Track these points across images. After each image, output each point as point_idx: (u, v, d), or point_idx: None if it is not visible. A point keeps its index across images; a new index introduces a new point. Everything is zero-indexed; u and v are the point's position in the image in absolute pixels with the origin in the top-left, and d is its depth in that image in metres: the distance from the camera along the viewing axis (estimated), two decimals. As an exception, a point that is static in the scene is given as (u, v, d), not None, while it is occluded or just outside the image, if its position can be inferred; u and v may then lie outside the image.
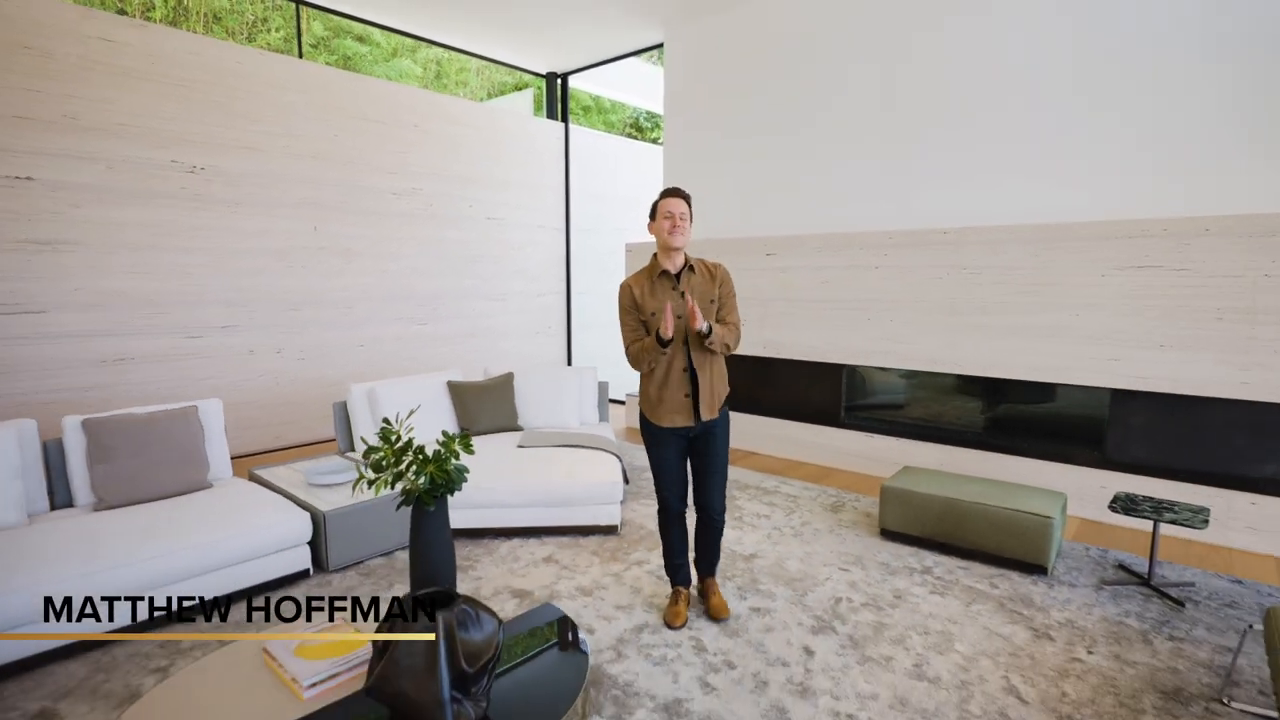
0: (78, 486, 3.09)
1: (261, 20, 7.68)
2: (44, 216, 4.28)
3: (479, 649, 1.73)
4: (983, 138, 4.44)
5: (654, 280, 2.57)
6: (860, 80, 5.01)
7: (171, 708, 1.82)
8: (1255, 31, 3.51)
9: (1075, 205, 4.06)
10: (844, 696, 2.23)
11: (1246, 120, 3.56)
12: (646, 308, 2.55)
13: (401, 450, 1.90)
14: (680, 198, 2.55)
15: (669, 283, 2.55)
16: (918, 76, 4.71)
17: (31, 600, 2.33)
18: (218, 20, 7.41)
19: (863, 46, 4.98)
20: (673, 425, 2.56)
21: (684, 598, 2.74)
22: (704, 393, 2.54)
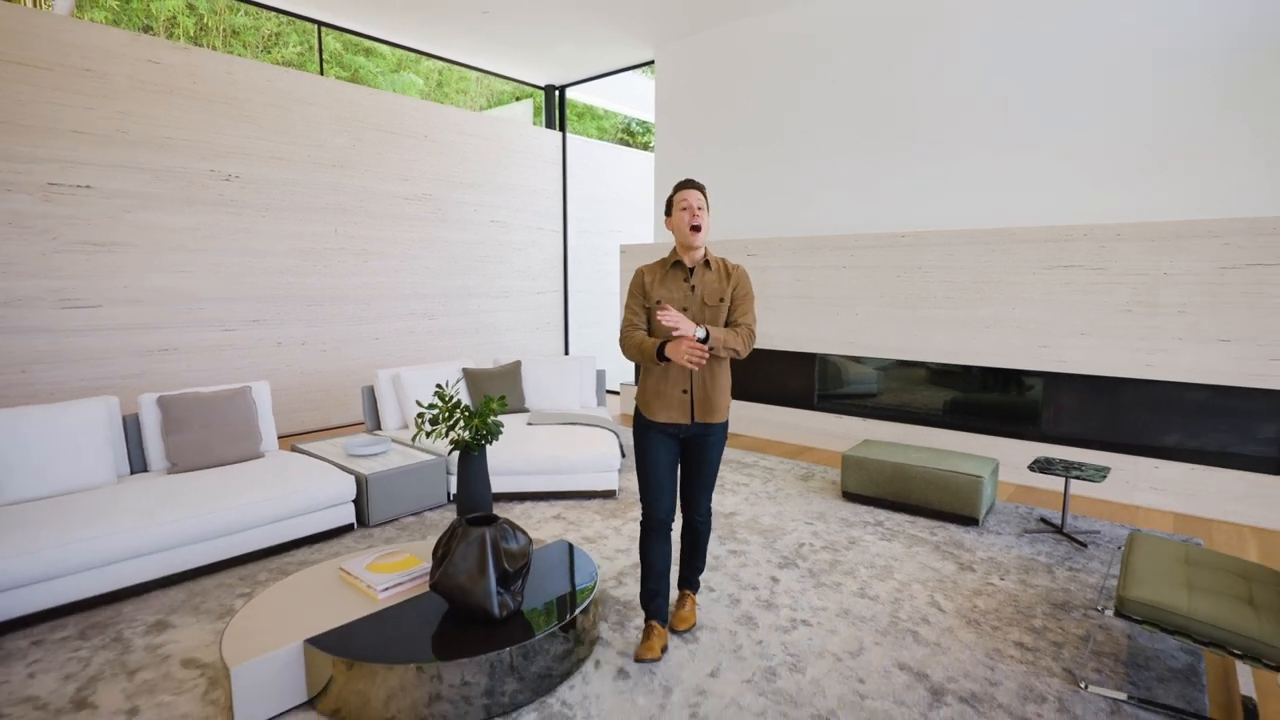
0: (152, 454, 3.61)
1: (276, 35, 8.16)
2: (100, 221, 4.78)
3: (516, 556, 2.28)
4: (938, 153, 5.02)
5: (667, 270, 2.48)
6: (831, 98, 5.58)
7: (275, 607, 2.36)
8: (1166, 63, 4.11)
9: (1014, 213, 4.66)
10: (800, 609, 2.79)
11: (1152, 141, 4.16)
12: (653, 295, 2.45)
13: (453, 408, 2.45)
14: (696, 189, 2.44)
15: (681, 274, 2.45)
16: (883, 97, 5.29)
17: (136, 538, 2.85)
18: (236, 35, 7.90)
19: (835, 68, 5.56)
20: (668, 420, 2.42)
21: (656, 635, 2.45)
22: (699, 392, 2.40)
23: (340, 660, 2.06)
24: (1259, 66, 3.84)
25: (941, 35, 4.95)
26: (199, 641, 2.52)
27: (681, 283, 2.44)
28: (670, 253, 2.51)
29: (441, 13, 6.04)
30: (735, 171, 6.29)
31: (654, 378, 2.44)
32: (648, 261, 5.11)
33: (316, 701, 2.14)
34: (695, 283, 2.43)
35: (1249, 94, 3.88)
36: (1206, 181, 4.01)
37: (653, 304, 2.44)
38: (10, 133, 4.37)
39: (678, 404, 2.41)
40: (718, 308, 2.43)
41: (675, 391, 2.41)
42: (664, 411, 2.42)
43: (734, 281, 2.46)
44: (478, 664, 2.08)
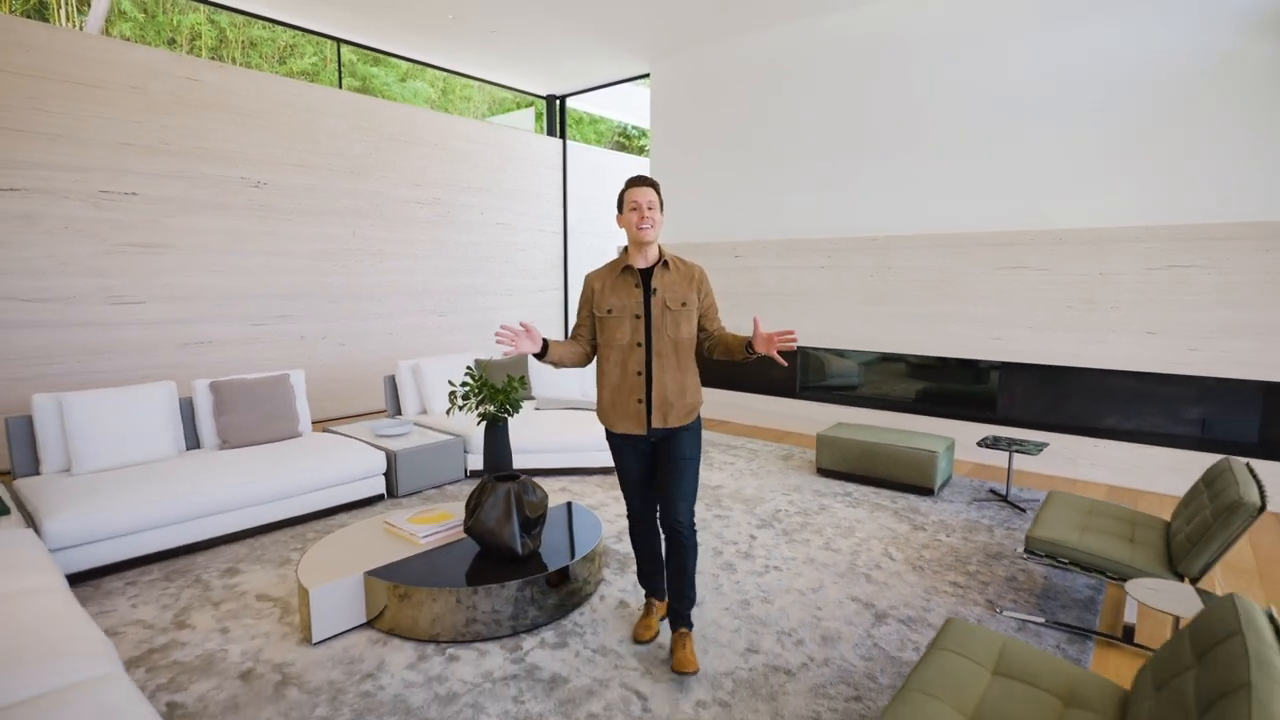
0: (205, 432, 4.08)
1: (291, 46, 8.62)
2: (143, 224, 5.24)
3: (534, 506, 2.78)
4: (905, 164, 5.53)
5: (617, 276, 2.35)
6: (808, 112, 6.08)
7: (335, 550, 2.84)
8: (1103, 88, 4.62)
9: (971, 219, 5.17)
10: (773, 559, 3.29)
11: (1090, 156, 4.67)
12: (603, 304, 2.34)
13: (482, 385, 2.93)
14: (648, 186, 2.29)
15: (633, 279, 2.32)
16: (854, 112, 5.79)
17: (205, 500, 3.33)
18: (254, 46, 8.35)
19: (811, 85, 6.05)
20: (625, 431, 2.35)
21: (657, 610, 2.59)
22: (658, 399, 2.29)
23: (394, 587, 2.55)
24: (1183, 92, 4.35)
25: (906, 58, 5.45)
26: (266, 583, 3.01)
27: (634, 288, 2.30)
28: (620, 255, 2.37)
29: (452, 30, 6.51)
30: (724, 177, 6.79)
31: (608, 388, 2.35)
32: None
33: (374, 622, 2.62)
34: (655, 285, 2.29)
35: (1174, 116, 4.39)
36: (1135, 193, 4.53)
37: (602, 313, 2.33)
38: (67, 145, 4.83)
39: (633, 413, 2.31)
40: (680, 312, 2.30)
41: (631, 401, 2.31)
42: (621, 422, 2.34)
43: (698, 283, 2.37)
44: (505, 591, 2.57)
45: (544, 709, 2.13)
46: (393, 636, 2.56)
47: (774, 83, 6.33)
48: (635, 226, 2.27)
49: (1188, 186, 4.36)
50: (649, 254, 2.33)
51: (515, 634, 2.59)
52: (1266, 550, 3.50)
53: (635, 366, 2.31)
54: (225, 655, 2.43)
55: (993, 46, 5.04)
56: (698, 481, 2.40)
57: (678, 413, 2.33)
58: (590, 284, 2.40)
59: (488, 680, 2.29)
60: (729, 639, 2.57)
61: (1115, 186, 4.59)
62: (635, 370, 2.31)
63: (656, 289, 2.30)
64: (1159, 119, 4.43)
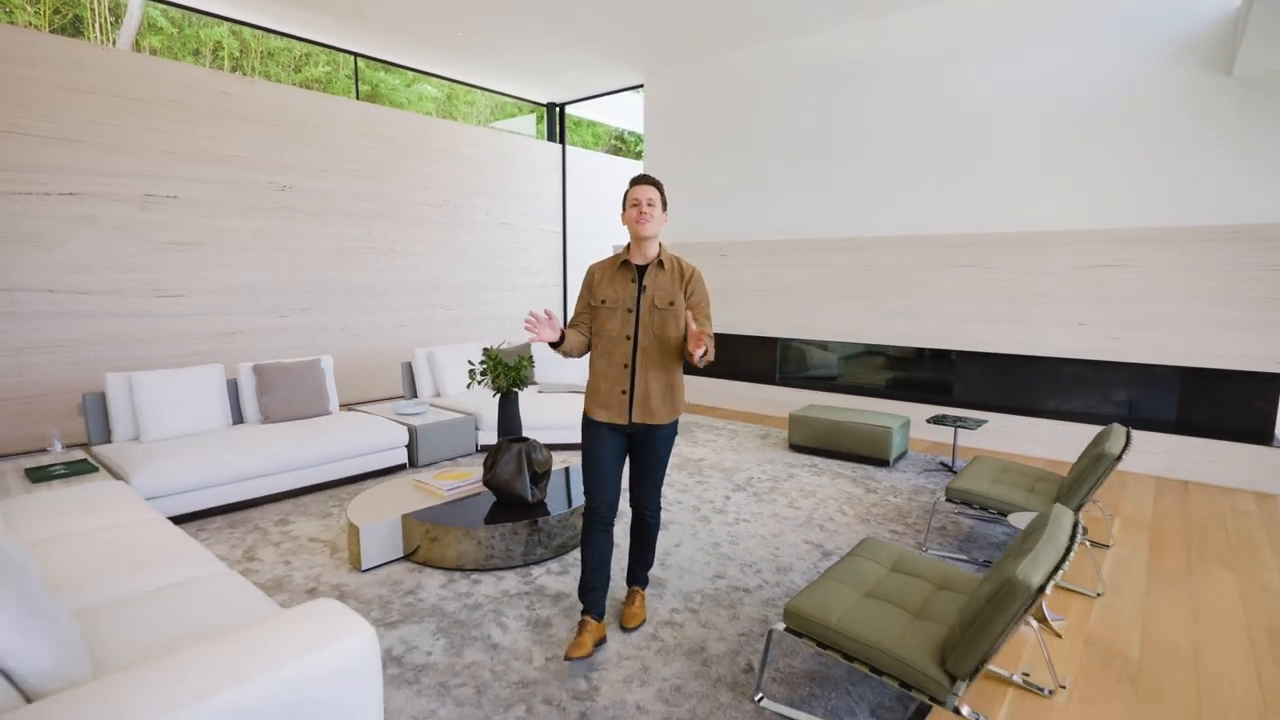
0: (248, 409, 4.62)
1: (306, 55, 9.15)
2: (183, 224, 5.78)
3: (540, 463, 3.34)
4: (874, 172, 6.10)
5: (616, 268, 2.45)
6: (789, 123, 6.65)
7: (374, 501, 3.40)
8: (1041, 108, 5.20)
9: (930, 223, 5.74)
10: (742, 514, 3.86)
11: (1030, 168, 5.25)
12: (598, 293, 2.44)
13: (496, 364, 3.50)
14: (650, 184, 2.39)
15: (630, 274, 2.42)
16: (829, 123, 6.36)
17: (255, 464, 3.89)
18: (271, 56, 8.88)
19: (792, 99, 6.62)
20: (608, 420, 2.42)
21: (591, 630, 2.39)
22: (639, 393, 2.38)
23: (426, 528, 3.11)
24: (1111, 112, 4.93)
25: (871, 78, 6.02)
26: (315, 530, 3.57)
27: (629, 283, 2.41)
28: (623, 249, 2.48)
29: (461, 45, 7.06)
30: (712, 181, 7.36)
31: (597, 375, 2.45)
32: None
33: (410, 556, 3.19)
34: (647, 283, 2.39)
35: (1103, 133, 4.97)
36: (1070, 200, 5.11)
37: (597, 302, 2.44)
38: (117, 154, 5.36)
39: (616, 404, 2.40)
40: (666, 311, 2.38)
41: (615, 392, 2.40)
42: (603, 411, 2.42)
43: (690, 286, 2.44)
44: (517, 531, 3.14)
45: (550, 614, 2.70)
46: (426, 567, 3.12)
47: (756, 96, 6.89)
48: (634, 222, 2.35)
49: (1114, 195, 4.94)
50: (648, 251, 2.41)
51: (526, 565, 3.16)
52: (1163, 509, 4.08)
53: (622, 359, 2.39)
54: (291, 579, 3.00)
55: (947, 70, 5.61)
56: (666, 470, 2.59)
57: (659, 410, 2.41)
58: (592, 272, 2.51)
59: (505, 596, 2.85)
60: (700, 569, 3.14)
61: (1053, 195, 5.17)
62: (621, 362, 2.39)
63: (646, 287, 2.39)
64: (1090, 135, 5.01)
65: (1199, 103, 4.63)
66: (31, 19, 6.72)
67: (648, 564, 2.70)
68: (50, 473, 3.50)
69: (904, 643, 1.86)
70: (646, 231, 2.36)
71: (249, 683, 1.42)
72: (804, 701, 2.16)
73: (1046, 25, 5.14)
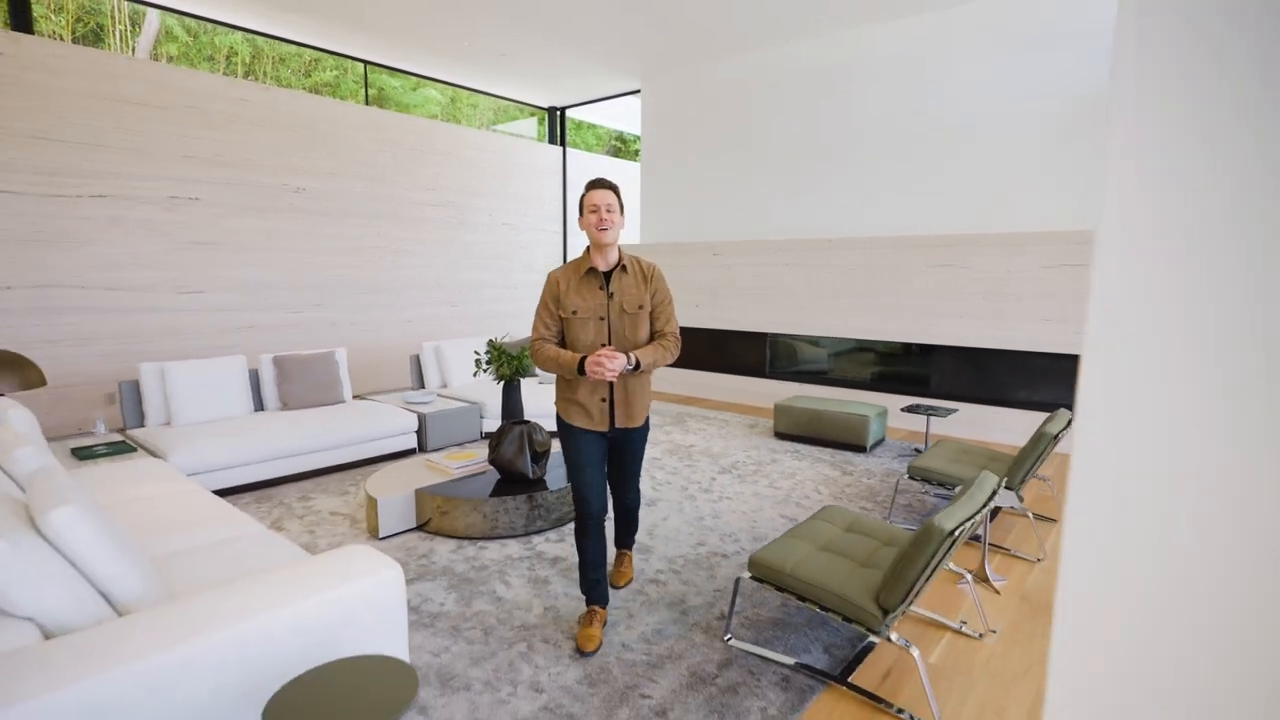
0: (268, 397, 4.96)
1: (315, 60, 9.48)
2: (203, 225, 6.12)
3: (540, 443, 3.68)
4: (855, 175, 6.43)
5: (581, 277, 2.40)
6: (777, 128, 6.98)
7: (390, 478, 3.74)
8: (1011, 116, 5.52)
9: (908, 224, 6.07)
10: (726, 493, 4.20)
11: (1001, 173, 5.58)
12: (567, 304, 2.39)
13: (501, 354, 3.83)
14: (607, 189, 2.35)
15: (596, 281, 2.40)
16: (816, 129, 6.69)
17: (277, 446, 4.23)
18: (283, 61, 9.21)
19: (780, 104, 6.95)
20: (588, 428, 2.43)
21: (598, 618, 2.48)
22: (620, 401, 2.42)
23: (437, 499, 3.45)
24: (1081, 117, 5.25)
25: (854, 84, 6.35)
26: (334, 505, 3.91)
27: (598, 290, 2.38)
28: (583, 254, 2.43)
29: (467, 52, 7.39)
30: (705, 183, 7.68)
31: (572, 388, 2.42)
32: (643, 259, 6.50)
33: (423, 526, 3.53)
34: (614, 289, 2.38)
35: (1065, 141, 5.29)
36: (1039, 202, 5.43)
37: (567, 314, 2.38)
38: (142, 159, 5.70)
39: (597, 413, 2.41)
40: (637, 315, 2.40)
41: (595, 401, 2.40)
42: (584, 419, 2.43)
43: (653, 286, 2.46)
44: (519, 504, 3.47)
45: (549, 574, 3.04)
46: (437, 536, 3.46)
47: (748, 101, 7.22)
48: (595, 228, 2.32)
49: (1081, 197, 5.27)
50: (609, 256, 2.41)
51: (527, 534, 3.49)
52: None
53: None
54: (316, 545, 3.34)
55: (927, 76, 5.93)
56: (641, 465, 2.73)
57: (637, 413, 2.49)
58: (555, 282, 2.42)
59: (508, 560, 3.19)
60: (684, 538, 3.48)
61: (1024, 197, 5.50)
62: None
63: (614, 293, 2.39)
64: (1061, 140, 5.33)
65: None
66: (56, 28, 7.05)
67: (634, 531, 2.97)
68: (94, 452, 3.84)
69: (847, 585, 2.20)
70: (607, 239, 2.34)
71: (306, 600, 1.77)
72: (767, 641, 2.50)
73: (1021, 35, 5.46)
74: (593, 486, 2.45)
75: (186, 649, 1.57)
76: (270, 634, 1.70)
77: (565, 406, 2.48)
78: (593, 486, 2.45)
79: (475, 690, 2.20)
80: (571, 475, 2.48)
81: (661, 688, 2.23)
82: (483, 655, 2.40)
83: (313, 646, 1.77)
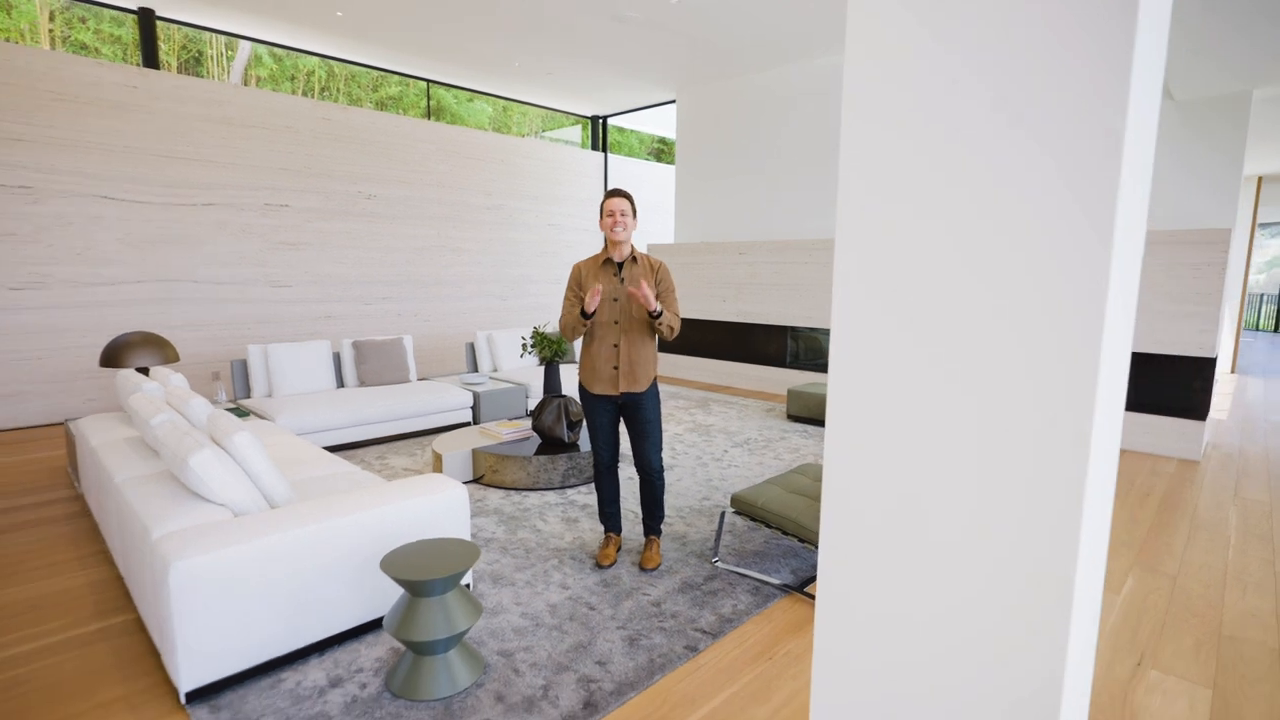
0: (348, 375, 5.83)
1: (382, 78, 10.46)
2: (292, 228, 7.07)
3: (575, 413, 4.40)
4: (873, 180, 6.93)
5: (599, 266, 2.96)
6: (798, 136, 7.53)
7: (449, 442, 4.52)
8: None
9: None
10: (735, 463, 4.84)
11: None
12: (586, 286, 2.94)
13: (543, 338, 4.57)
14: (622, 197, 2.88)
15: (611, 269, 2.95)
16: (831, 137, 7.22)
17: (359, 414, 5.07)
18: (353, 79, 10.21)
19: (800, 114, 7.50)
20: (602, 393, 2.97)
21: (613, 542, 3.16)
22: (624, 368, 2.94)
23: (490, 457, 4.21)
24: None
25: (877, 95, 6.84)
26: (405, 463, 4.72)
27: (611, 276, 2.95)
28: (602, 250, 3.03)
29: (517, 72, 8.18)
30: (732, 187, 8.29)
31: (591, 357, 2.98)
32: (676, 257, 7.14)
33: (478, 480, 4.30)
34: (625, 275, 2.95)
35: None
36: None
37: (585, 294, 2.93)
38: (244, 171, 6.67)
39: (608, 378, 2.96)
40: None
41: (606, 368, 2.96)
42: (598, 384, 2.98)
43: (658, 276, 3.00)
44: (556, 462, 4.20)
45: (579, 515, 3.76)
46: (490, 487, 4.22)
47: (773, 111, 7.79)
48: (610, 228, 2.89)
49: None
50: (622, 251, 2.96)
51: (563, 488, 4.22)
52: (1096, 469, 4.86)
53: (612, 340, 2.94)
54: (394, 490, 4.13)
55: (938, 90, 6.40)
56: (662, 436, 3.16)
57: (640, 378, 2.98)
58: (578, 269, 3.01)
59: (546, 505, 3.92)
60: (692, 494, 4.15)
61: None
62: (612, 343, 2.94)
63: (625, 278, 2.96)
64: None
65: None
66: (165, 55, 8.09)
67: (659, 518, 3.17)
68: (217, 415, 4.74)
69: (803, 515, 2.84)
70: (619, 237, 2.90)
71: (403, 502, 2.53)
72: (747, 564, 3.15)
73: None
74: (604, 442, 3.08)
75: (325, 525, 2.34)
76: (381, 521, 2.46)
77: (585, 375, 3.05)
78: (604, 442, 3.08)
79: (518, 586, 2.93)
80: (590, 433, 3.11)
81: (659, 590, 2.91)
82: (524, 565, 3.13)
83: (408, 531, 2.52)
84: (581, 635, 2.54)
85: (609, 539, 3.21)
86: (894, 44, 1.14)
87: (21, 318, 5.58)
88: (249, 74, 9.17)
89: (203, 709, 2.09)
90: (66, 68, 5.66)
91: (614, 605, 2.78)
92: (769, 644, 2.52)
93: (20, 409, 5.64)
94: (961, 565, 1.15)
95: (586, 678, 2.28)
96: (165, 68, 6.72)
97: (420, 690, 2.13)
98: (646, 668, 2.34)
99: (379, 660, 2.35)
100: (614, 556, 3.14)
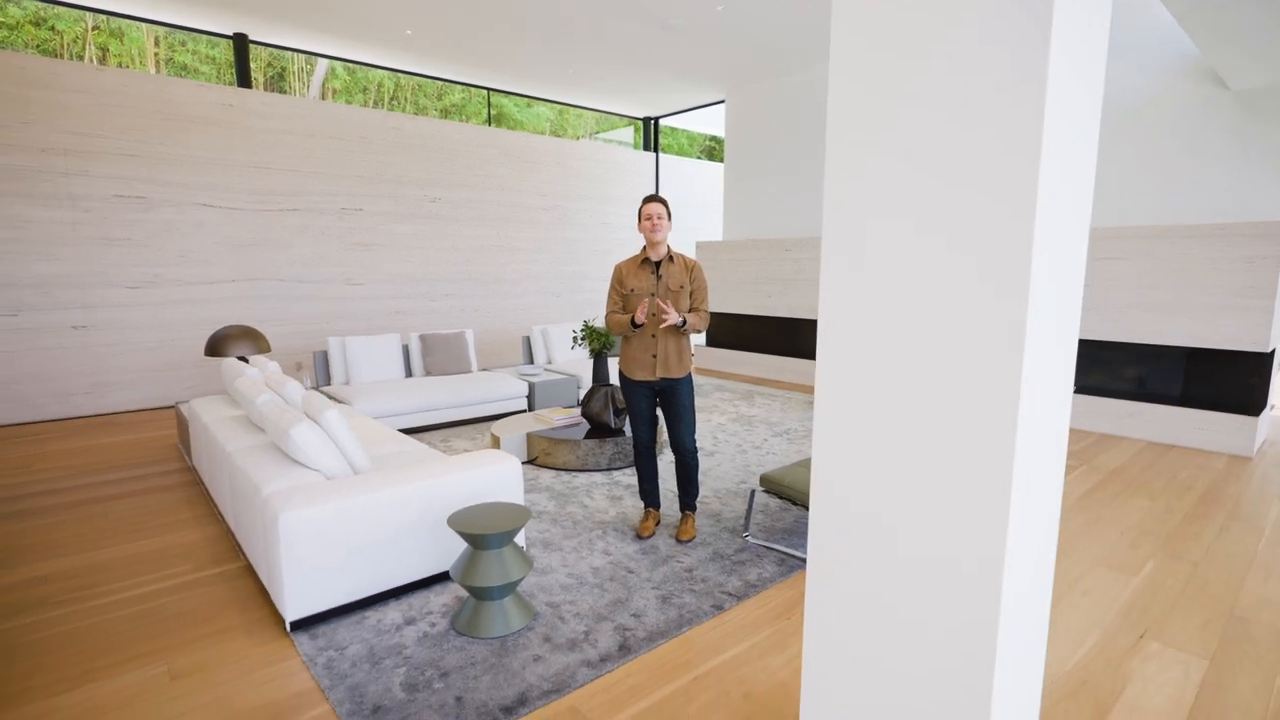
0: (415, 365, 6.33)
1: (446, 87, 11.05)
2: (365, 230, 7.65)
3: (621, 402, 4.72)
4: (919, 176, 6.99)
5: (638, 265, 3.24)
6: (849, 135, 7.63)
7: (506, 427, 4.92)
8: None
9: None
10: (774, 450, 5.07)
11: (1057, 172, 6.00)
12: (627, 284, 3.24)
13: (592, 332, 4.91)
14: (658, 203, 3.15)
15: (650, 268, 3.22)
16: (883, 135, 7.29)
17: (426, 400, 5.54)
18: (420, 88, 10.85)
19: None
20: (642, 379, 3.27)
21: (653, 516, 3.46)
22: (661, 356, 3.22)
23: (543, 441, 4.58)
24: (1111, 123, 5.62)
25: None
26: (466, 446, 5.15)
27: (649, 275, 3.23)
28: (641, 251, 3.32)
29: (573, 79, 8.56)
30: (778, 185, 8.45)
31: (631, 347, 3.29)
32: (724, 254, 7.38)
33: (532, 461, 4.68)
34: (662, 273, 3.23)
35: (1123, 139, 5.67)
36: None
37: (627, 291, 3.27)
38: (321, 179, 7.27)
39: (646, 365, 3.26)
40: (679, 293, 3.26)
41: (646, 356, 3.26)
42: (639, 371, 3.28)
43: (693, 274, 3.30)
44: (604, 446, 4.53)
45: (621, 494, 4.08)
46: (542, 468, 4.60)
47: (816, 108, 7.92)
48: (649, 231, 3.19)
49: (1116, 197, 5.64)
50: (660, 251, 3.24)
51: (609, 470, 4.56)
52: (1132, 462, 4.86)
53: (650, 331, 3.22)
54: (457, 469, 4.56)
55: (985, 85, 6.42)
56: (695, 420, 3.37)
57: (674, 367, 3.27)
58: (620, 270, 3.33)
59: (593, 484, 4.26)
60: (730, 478, 4.41)
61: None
62: (650, 334, 3.23)
63: (662, 276, 3.24)
64: (1112, 141, 5.73)
65: (1197, 114, 5.28)
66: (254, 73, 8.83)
67: (694, 495, 3.42)
68: (303, 400, 5.28)
69: (826, 492, 3.07)
70: (657, 238, 3.19)
71: (466, 473, 2.90)
72: (776, 540, 3.40)
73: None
74: (642, 424, 3.40)
75: (402, 489, 2.74)
76: (448, 488, 2.84)
77: (626, 364, 3.36)
78: (642, 424, 3.40)
79: (566, 551, 3.28)
80: (630, 417, 3.45)
81: (692, 559, 3.20)
82: (571, 534, 3.48)
83: (471, 496, 2.90)
84: (620, 593, 2.86)
85: (649, 513, 3.51)
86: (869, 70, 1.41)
87: (137, 314, 6.31)
88: (325, 86, 9.87)
89: (304, 636, 2.51)
90: (173, 90, 6.35)
91: (650, 570, 3.08)
92: (789, 607, 2.78)
93: (134, 394, 6.38)
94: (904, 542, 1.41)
95: (622, 626, 2.60)
96: (254, 84, 7.38)
97: (480, 629, 2.50)
98: (676, 621, 2.64)
99: (445, 605, 2.74)
100: (653, 529, 3.44)
